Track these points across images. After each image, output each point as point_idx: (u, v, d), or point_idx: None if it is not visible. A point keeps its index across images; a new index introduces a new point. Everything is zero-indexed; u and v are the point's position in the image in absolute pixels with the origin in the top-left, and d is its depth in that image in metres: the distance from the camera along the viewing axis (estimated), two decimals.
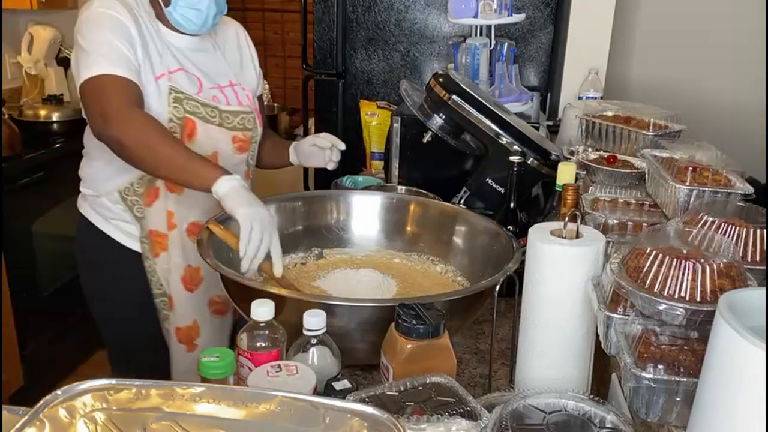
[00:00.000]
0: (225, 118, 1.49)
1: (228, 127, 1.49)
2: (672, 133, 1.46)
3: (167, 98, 1.41)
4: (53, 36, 3.16)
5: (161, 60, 1.42)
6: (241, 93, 1.55)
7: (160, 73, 1.41)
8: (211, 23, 1.46)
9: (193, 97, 1.44)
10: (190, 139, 1.43)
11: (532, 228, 0.94)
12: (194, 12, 1.41)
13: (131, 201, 1.48)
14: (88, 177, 1.54)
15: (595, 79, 2.39)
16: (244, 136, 1.53)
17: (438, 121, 1.60)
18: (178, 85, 1.42)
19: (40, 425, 0.64)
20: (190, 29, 1.45)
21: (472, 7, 1.89)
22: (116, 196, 1.48)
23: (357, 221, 1.50)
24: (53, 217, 2.67)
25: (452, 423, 0.75)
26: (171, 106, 1.41)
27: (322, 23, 2.59)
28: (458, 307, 1.08)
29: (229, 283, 1.15)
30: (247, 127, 1.53)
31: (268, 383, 0.87)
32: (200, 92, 1.46)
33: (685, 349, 0.74)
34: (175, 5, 1.41)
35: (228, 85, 1.53)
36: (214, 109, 1.47)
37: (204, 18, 1.43)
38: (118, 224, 1.51)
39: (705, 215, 0.94)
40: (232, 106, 1.50)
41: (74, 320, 2.84)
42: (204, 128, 1.45)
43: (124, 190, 1.47)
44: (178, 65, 1.44)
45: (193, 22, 1.43)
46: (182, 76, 1.44)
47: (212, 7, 1.43)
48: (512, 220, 1.39)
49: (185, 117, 1.42)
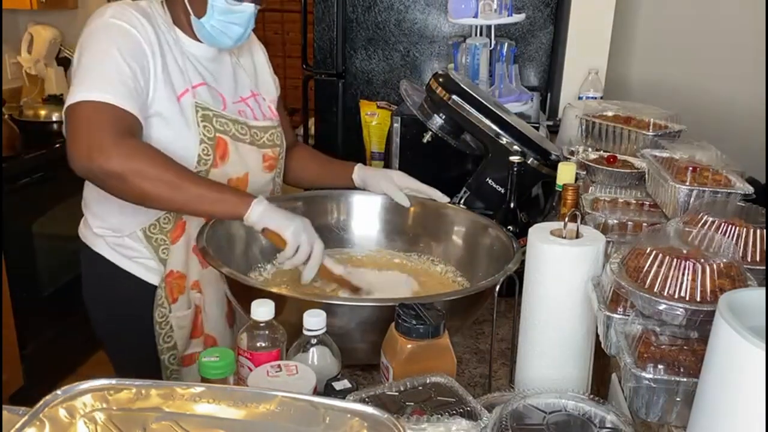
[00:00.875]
0: (255, 135, 1.39)
1: (258, 144, 1.40)
2: (672, 133, 1.46)
3: (194, 117, 1.28)
4: (53, 36, 3.16)
5: (182, 74, 1.29)
6: (263, 104, 1.46)
7: (183, 89, 1.28)
8: (245, 39, 1.35)
9: (221, 113, 1.32)
10: (222, 161, 1.32)
11: (532, 228, 0.94)
12: (232, 26, 1.30)
13: (157, 240, 1.35)
14: (102, 215, 1.38)
15: (595, 79, 2.39)
16: (273, 153, 1.44)
17: (438, 121, 1.60)
18: (203, 101, 1.30)
19: (40, 425, 0.64)
20: (222, 44, 1.33)
21: (472, 7, 1.89)
22: (139, 235, 1.34)
23: (357, 221, 1.50)
24: (53, 217, 2.67)
25: (452, 423, 0.75)
26: (200, 126, 1.28)
27: (322, 23, 2.59)
28: (458, 307, 1.08)
29: (231, 283, 1.15)
30: (276, 142, 1.44)
31: (268, 383, 0.87)
32: (225, 108, 1.35)
33: (685, 349, 0.74)
34: (210, 16, 1.28)
35: (250, 96, 1.44)
36: (243, 125, 1.36)
37: (241, 33, 1.32)
38: (143, 262, 1.37)
39: (705, 215, 0.94)
40: (259, 121, 1.41)
41: (74, 320, 2.83)
42: (236, 147, 1.34)
43: (149, 228, 1.34)
44: (201, 79, 1.33)
45: (228, 36, 1.31)
46: (205, 91, 1.32)
47: (251, 23, 1.32)
48: (512, 220, 1.39)
49: (217, 136, 1.30)
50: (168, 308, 1.37)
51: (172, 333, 1.39)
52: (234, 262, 1.26)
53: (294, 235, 1.17)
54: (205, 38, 1.33)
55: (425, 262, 1.44)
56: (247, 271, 1.32)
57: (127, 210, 1.29)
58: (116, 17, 1.23)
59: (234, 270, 1.13)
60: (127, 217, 1.33)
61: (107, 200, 1.28)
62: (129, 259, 1.39)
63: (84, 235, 1.45)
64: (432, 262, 1.43)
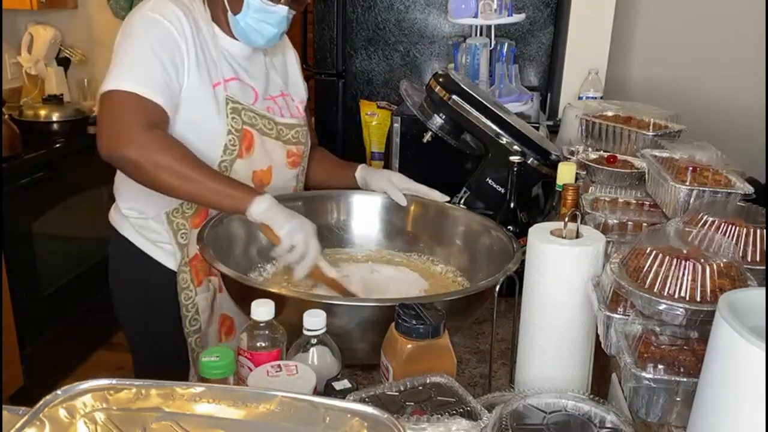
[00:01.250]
0: (281, 131, 1.44)
1: (284, 140, 1.45)
2: (672, 133, 1.46)
3: (225, 109, 1.34)
4: (53, 36, 3.17)
5: (217, 67, 1.35)
6: (291, 104, 1.51)
7: (216, 81, 1.35)
8: (276, 40, 1.40)
9: (250, 107, 1.38)
10: (248, 152, 1.38)
11: (532, 228, 0.94)
12: (265, 26, 1.34)
13: (177, 225, 1.40)
14: (130, 197, 1.44)
15: (595, 79, 2.39)
16: (297, 150, 1.49)
17: (438, 121, 1.60)
18: (235, 95, 1.36)
19: (40, 425, 0.64)
20: (255, 42, 1.38)
21: (472, 7, 1.89)
22: (163, 218, 1.40)
23: (357, 221, 1.50)
24: (53, 217, 2.67)
25: (452, 423, 0.75)
26: (229, 117, 1.35)
27: (322, 23, 2.59)
28: (458, 307, 1.08)
29: (230, 283, 1.15)
30: (301, 140, 1.49)
31: (268, 383, 0.87)
32: (255, 102, 1.40)
33: (685, 349, 0.74)
34: (245, 14, 1.33)
35: (280, 95, 1.48)
36: (270, 120, 1.42)
37: (273, 33, 1.36)
38: (165, 247, 1.43)
39: (705, 215, 0.94)
40: (286, 119, 1.46)
41: (74, 320, 2.85)
42: (261, 141, 1.40)
43: (172, 212, 1.40)
44: (233, 74, 1.38)
45: (261, 35, 1.36)
46: (237, 85, 1.38)
47: (283, 24, 1.36)
48: (512, 220, 1.39)
49: (243, 128, 1.36)
50: (194, 291, 1.42)
51: (198, 316, 1.44)
52: (234, 262, 1.26)
53: (288, 234, 1.19)
54: (240, 35, 1.37)
55: (425, 262, 1.44)
56: (247, 271, 1.32)
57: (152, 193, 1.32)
58: (153, 10, 1.29)
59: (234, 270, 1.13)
60: (152, 199, 1.37)
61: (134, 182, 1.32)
62: (152, 243, 1.44)
63: (112, 218, 1.52)
64: (432, 262, 1.43)
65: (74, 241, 2.87)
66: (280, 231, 1.19)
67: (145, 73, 1.25)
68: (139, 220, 1.44)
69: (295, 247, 1.19)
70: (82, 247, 2.90)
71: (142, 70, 1.25)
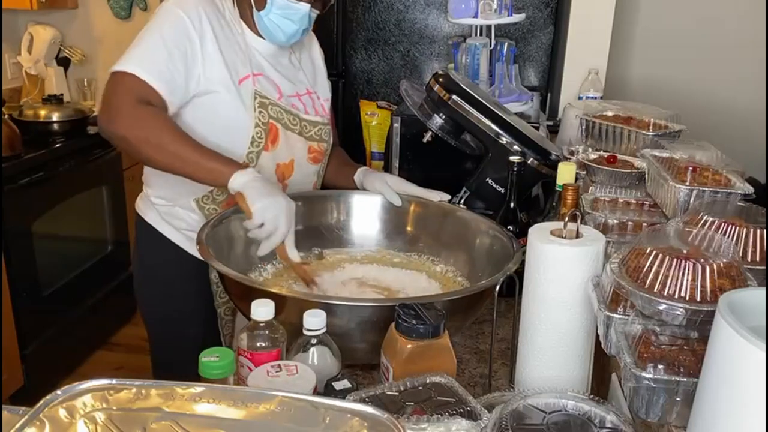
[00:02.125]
0: (304, 127, 1.47)
1: (306, 136, 1.48)
2: (672, 133, 1.46)
3: (252, 103, 1.38)
4: (53, 36, 3.17)
5: (244, 63, 1.39)
6: (317, 102, 1.54)
7: (245, 74, 1.38)
8: (298, 37, 1.43)
9: (276, 102, 1.42)
10: (273, 145, 1.42)
11: (532, 228, 0.94)
12: (287, 22, 1.38)
13: (209, 210, 1.44)
14: (158, 185, 1.49)
15: (595, 79, 2.40)
16: (319, 147, 1.52)
17: (438, 121, 1.60)
18: (263, 89, 1.40)
19: (40, 425, 0.64)
20: (277, 39, 1.41)
21: (472, 7, 1.89)
22: (192, 205, 1.45)
23: (357, 221, 1.50)
24: (53, 217, 2.67)
25: (452, 423, 0.75)
26: (257, 111, 1.38)
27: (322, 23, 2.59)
28: (458, 307, 1.08)
29: (229, 282, 1.15)
30: (324, 138, 1.53)
31: (268, 383, 0.87)
32: (280, 99, 1.44)
33: (685, 349, 0.74)
34: (268, 11, 1.37)
35: (305, 93, 1.52)
36: (295, 116, 1.45)
37: (294, 30, 1.39)
38: (190, 235, 1.44)
39: (705, 215, 0.94)
40: (310, 116, 1.49)
41: (74, 320, 2.84)
42: (285, 135, 1.44)
43: (202, 199, 1.44)
44: (260, 69, 1.42)
45: (283, 32, 1.39)
46: (264, 80, 1.42)
47: (305, 21, 1.39)
48: (512, 220, 1.39)
49: (270, 122, 1.40)
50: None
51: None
52: (234, 261, 1.26)
53: (260, 210, 1.20)
54: (263, 32, 1.41)
55: (425, 263, 1.44)
56: (247, 270, 1.32)
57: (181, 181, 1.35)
58: (176, 4, 1.33)
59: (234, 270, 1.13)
60: (181, 187, 1.40)
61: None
62: (177, 230, 1.49)
63: (138, 206, 1.57)
64: (432, 262, 1.43)
65: (74, 241, 2.87)
66: (252, 205, 1.20)
67: (150, 60, 1.29)
68: (167, 207, 1.48)
69: (264, 224, 1.21)
70: (82, 247, 2.90)
71: (148, 56, 1.29)
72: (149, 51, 1.30)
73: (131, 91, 1.27)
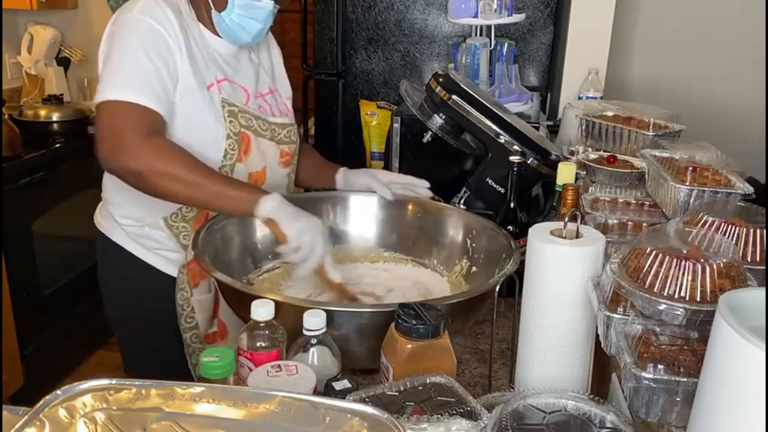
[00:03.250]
0: (274, 131, 1.43)
1: (277, 140, 1.44)
2: (672, 133, 1.46)
3: (222, 112, 1.32)
4: (53, 36, 3.16)
5: (208, 68, 1.33)
6: (280, 100, 1.49)
7: (210, 82, 1.32)
8: (262, 36, 1.37)
9: (245, 108, 1.36)
10: (246, 155, 1.37)
11: (532, 228, 0.94)
12: (251, 22, 1.32)
13: (178, 228, 1.39)
14: (122, 204, 1.43)
15: (595, 79, 2.39)
16: (290, 149, 1.48)
17: (438, 121, 1.60)
18: (230, 96, 1.35)
19: (40, 425, 0.64)
20: (240, 39, 1.35)
21: (472, 7, 1.89)
22: (161, 224, 1.39)
23: (355, 222, 1.49)
24: (53, 217, 2.67)
25: (452, 423, 0.75)
26: (227, 121, 1.33)
27: (322, 23, 2.60)
28: (458, 309, 1.07)
29: (224, 288, 1.14)
30: (293, 139, 1.49)
31: (268, 383, 0.87)
32: (248, 102, 1.38)
33: (685, 349, 0.74)
34: (230, 11, 1.30)
35: (268, 92, 1.47)
36: (264, 121, 1.40)
37: (259, 29, 1.34)
38: (163, 254, 1.42)
39: (705, 215, 0.94)
40: (277, 118, 1.45)
41: (74, 320, 2.84)
42: (257, 143, 1.39)
43: (171, 217, 1.38)
44: (223, 74, 1.36)
45: (247, 32, 1.33)
46: (228, 86, 1.36)
47: (269, 20, 1.34)
48: (512, 220, 1.39)
49: (241, 131, 1.35)
50: (189, 292, 1.40)
51: (194, 314, 1.42)
52: (229, 266, 1.26)
53: (297, 234, 1.18)
54: (225, 33, 1.35)
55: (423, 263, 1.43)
56: (243, 274, 1.31)
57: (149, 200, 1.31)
58: (143, 12, 1.25)
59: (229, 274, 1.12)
60: (149, 207, 1.36)
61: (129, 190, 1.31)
62: (148, 250, 1.43)
63: (100, 223, 1.50)
64: (432, 262, 1.43)
65: (74, 241, 2.86)
66: (288, 230, 1.18)
67: (142, 81, 1.22)
68: (135, 228, 1.42)
69: (300, 248, 1.18)
70: (82, 247, 2.89)
71: (139, 78, 1.23)
72: (138, 71, 1.23)
73: (136, 122, 1.21)
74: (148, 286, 1.44)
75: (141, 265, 1.43)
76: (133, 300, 1.47)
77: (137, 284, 1.46)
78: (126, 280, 1.48)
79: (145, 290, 1.45)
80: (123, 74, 1.23)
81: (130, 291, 1.48)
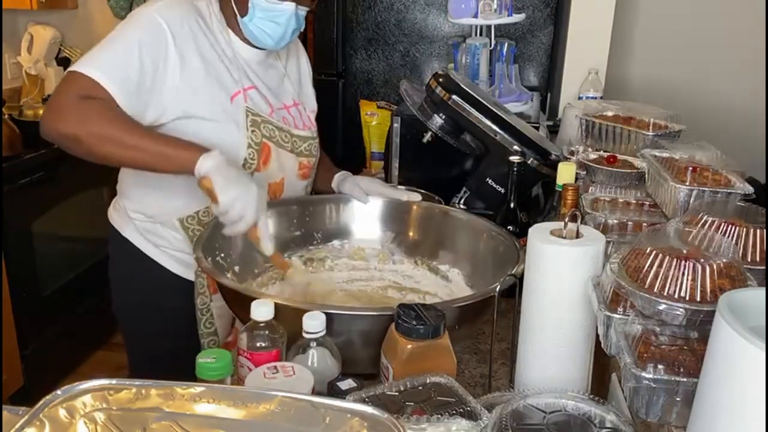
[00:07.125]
0: (295, 144, 1.42)
1: (297, 152, 1.43)
2: (672, 133, 1.46)
3: (244, 122, 1.31)
4: (53, 36, 3.16)
5: (235, 77, 1.32)
6: (303, 114, 1.48)
7: (235, 91, 1.31)
8: (288, 39, 1.35)
9: (269, 119, 1.35)
10: (265, 166, 1.36)
11: (532, 228, 0.94)
12: (272, 25, 1.31)
13: (193, 231, 1.36)
14: (137, 198, 1.40)
15: (595, 79, 2.39)
16: (309, 162, 1.47)
17: (438, 121, 1.60)
18: (255, 106, 1.33)
19: (40, 425, 0.64)
20: (265, 44, 1.34)
21: (472, 7, 1.89)
22: (175, 224, 1.37)
23: (358, 225, 1.48)
24: (53, 217, 2.67)
25: (452, 423, 0.75)
26: (249, 131, 1.31)
27: (322, 23, 2.59)
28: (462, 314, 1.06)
29: (224, 290, 1.14)
30: (313, 153, 1.48)
31: (265, 385, 0.86)
32: (272, 113, 1.37)
33: (685, 349, 0.74)
34: (252, 16, 1.30)
35: (293, 104, 1.46)
36: (287, 133, 1.40)
37: (282, 33, 1.32)
38: (172, 253, 1.41)
39: (705, 215, 0.94)
40: (300, 130, 1.44)
41: (74, 320, 2.85)
42: (277, 154, 1.38)
43: (186, 219, 1.36)
44: (251, 83, 1.35)
45: (270, 36, 1.32)
46: (256, 94, 1.35)
47: (292, 23, 1.32)
48: (512, 220, 1.39)
49: (263, 142, 1.34)
50: (209, 297, 1.39)
51: (213, 320, 1.41)
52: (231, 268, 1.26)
53: (228, 201, 1.14)
54: (250, 38, 1.34)
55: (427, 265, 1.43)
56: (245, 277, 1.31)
57: (168, 195, 1.29)
58: (160, 12, 1.24)
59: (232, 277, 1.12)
60: (165, 203, 1.35)
61: (146, 185, 1.29)
62: (156, 247, 1.41)
63: (113, 218, 1.48)
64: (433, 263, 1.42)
65: (74, 241, 2.87)
66: (220, 196, 1.14)
67: (118, 68, 1.19)
68: (146, 223, 1.41)
69: (229, 212, 1.15)
70: (81, 247, 2.90)
71: (116, 63, 1.19)
72: (121, 59, 1.20)
73: (80, 91, 1.16)
74: (154, 283, 1.43)
75: (148, 262, 1.42)
76: (143, 298, 1.46)
77: (143, 280, 1.45)
78: (132, 276, 1.47)
79: (150, 287, 1.44)
80: (104, 55, 1.20)
81: (136, 287, 1.47)
